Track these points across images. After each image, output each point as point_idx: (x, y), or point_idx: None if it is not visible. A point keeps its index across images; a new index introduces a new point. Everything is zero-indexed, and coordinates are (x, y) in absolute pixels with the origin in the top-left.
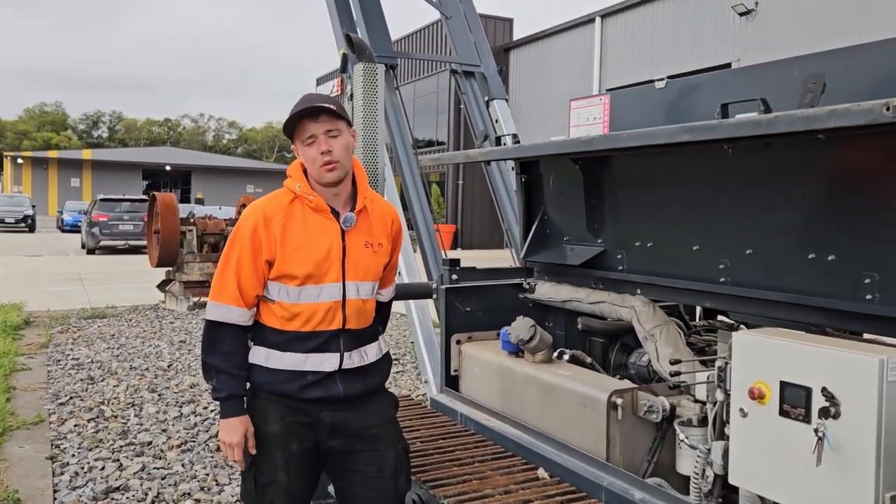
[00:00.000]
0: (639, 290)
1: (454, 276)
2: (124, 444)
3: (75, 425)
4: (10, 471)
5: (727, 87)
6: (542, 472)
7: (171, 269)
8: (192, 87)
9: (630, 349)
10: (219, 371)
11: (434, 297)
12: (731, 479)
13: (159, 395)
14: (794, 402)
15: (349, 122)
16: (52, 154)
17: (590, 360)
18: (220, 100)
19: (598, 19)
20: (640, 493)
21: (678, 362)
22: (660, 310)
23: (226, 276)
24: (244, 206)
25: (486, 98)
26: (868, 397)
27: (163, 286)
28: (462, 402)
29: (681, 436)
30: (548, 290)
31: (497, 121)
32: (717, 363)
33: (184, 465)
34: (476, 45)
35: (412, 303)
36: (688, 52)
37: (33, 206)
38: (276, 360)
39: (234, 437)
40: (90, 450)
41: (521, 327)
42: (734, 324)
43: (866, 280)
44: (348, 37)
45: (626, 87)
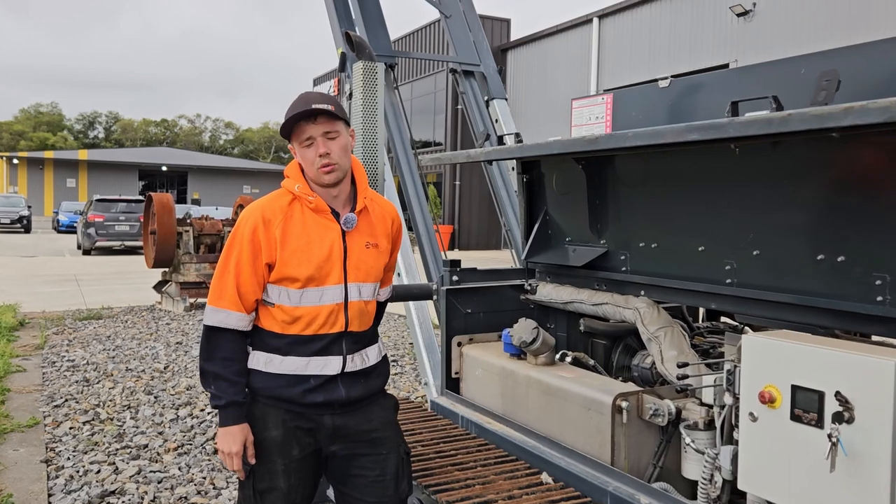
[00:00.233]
0: (642, 292)
1: (455, 278)
2: (120, 447)
3: (70, 428)
4: (5, 474)
5: (732, 86)
6: (545, 477)
7: (167, 269)
8: (188, 87)
9: (633, 351)
10: (217, 377)
11: (434, 298)
12: (740, 485)
13: (156, 398)
14: (806, 406)
15: (347, 122)
16: (48, 154)
17: (592, 362)
18: (216, 100)
19: (595, 20)
20: (646, 498)
21: (685, 365)
22: (664, 311)
23: (224, 280)
24: (241, 206)
25: (486, 97)
26: (883, 402)
27: (159, 287)
28: (463, 405)
29: (687, 440)
30: (549, 292)
31: (497, 120)
32: (726, 366)
33: (180, 469)
34: (476, 44)
35: (412, 304)
36: (686, 52)
37: (29, 207)
38: (276, 364)
39: (233, 446)
40: (85, 453)
41: (524, 329)
42: (737, 325)
43: (877, 282)
44: (348, 35)
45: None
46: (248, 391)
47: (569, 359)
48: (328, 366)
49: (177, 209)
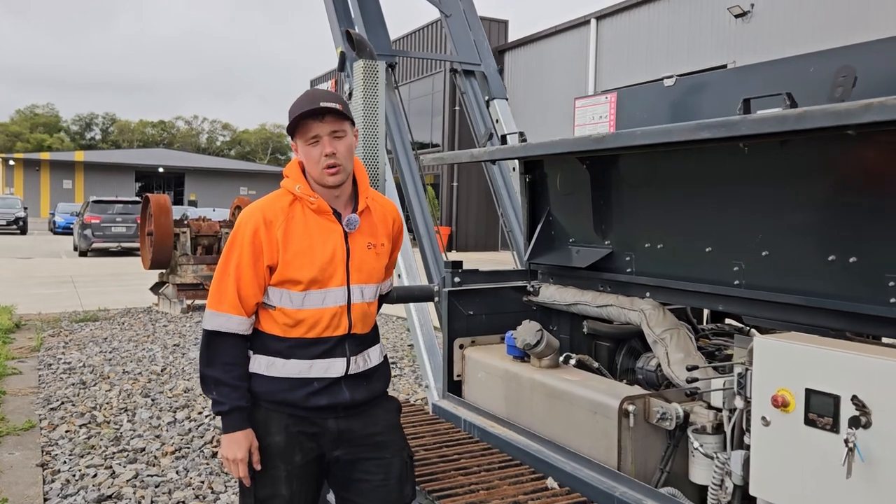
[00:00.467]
0: (648, 293)
1: (456, 279)
2: (117, 451)
3: (67, 431)
4: (0, 479)
5: (738, 85)
6: (551, 482)
7: (164, 271)
8: (186, 88)
9: (637, 353)
10: (219, 383)
11: (436, 300)
12: (752, 491)
13: (153, 400)
14: (821, 410)
15: (353, 122)
16: (44, 156)
17: (596, 364)
18: (214, 102)
19: (593, 21)
20: (654, 503)
21: (695, 368)
22: (670, 313)
23: (224, 283)
24: (239, 207)
25: (487, 97)
26: None
27: (156, 289)
28: (466, 408)
29: (695, 444)
30: (552, 293)
31: (497, 120)
32: (737, 369)
33: (178, 473)
34: (476, 43)
35: (412, 306)
36: (684, 53)
37: (25, 208)
38: (278, 368)
39: (238, 453)
40: (82, 456)
41: (528, 331)
42: (743, 327)
43: (890, 283)
44: (348, 33)
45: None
46: (249, 396)
47: (573, 361)
48: (332, 368)
49: (173, 210)
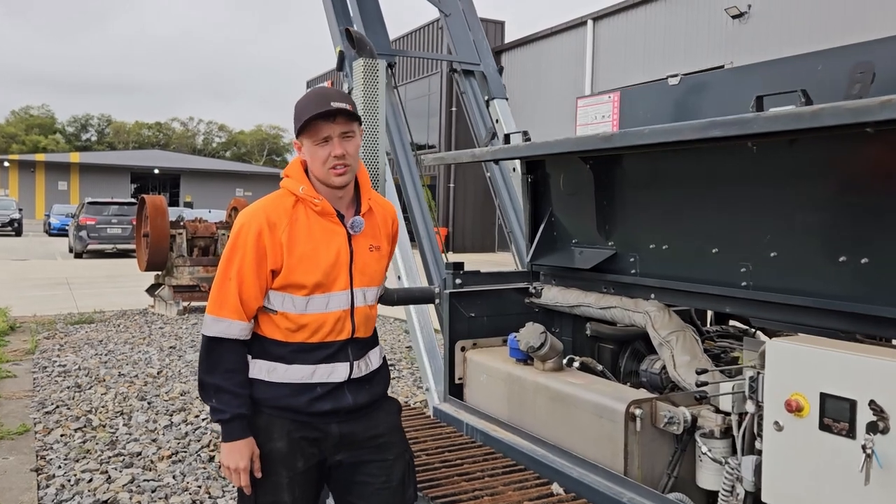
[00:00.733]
0: (653, 295)
1: (458, 281)
2: (113, 455)
3: (62, 435)
4: None
5: (743, 84)
6: (556, 488)
7: (160, 273)
8: (181, 90)
9: (641, 356)
10: (220, 390)
11: (437, 302)
12: (764, 497)
13: (149, 403)
14: (837, 415)
15: (360, 122)
16: (40, 157)
17: (600, 367)
18: (210, 103)
19: (589, 22)
20: None
21: (704, 371)
22: (675, 315)
23: (226, 288)
24: (235, 209)
25: (486, 97)
26: None
27: (152, 290)
28: (467, 412)
29: (703, 448)
30: (555, 295)
31: (497, 120)
32: (748, 373)
33: (175, 477)
34: (475, 43)
35: (412, 308)
36: (681, 54)
37: (20, 210)
38: (280, 373)
39: (241, 462)
40: (77, 461)
41: (531, 334)
42: (747, 329)
43: None
44: (348, 31)
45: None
46: (250, 402)
47: (576, 364)
48: (335, 373)
49: (169, 212)
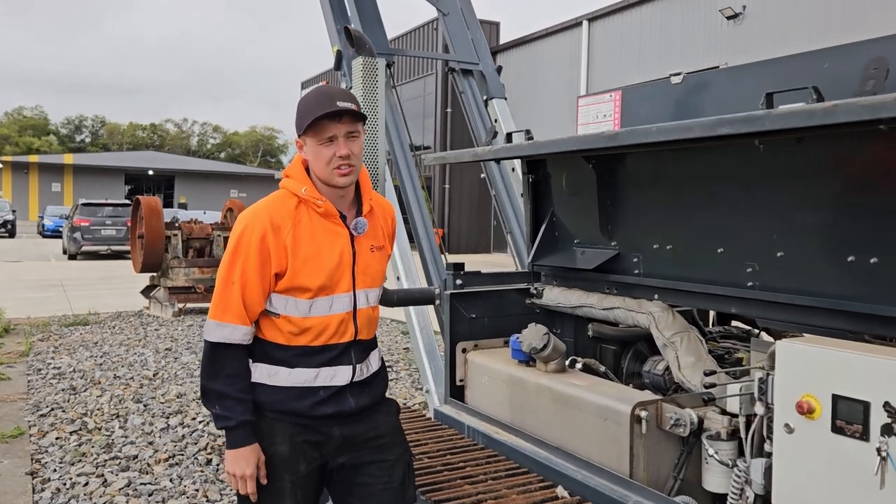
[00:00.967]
0: (656, 295)
1: (458, 282)
2: (109, 458)
3: (57, 438)
4: None
5: (746, 83)
6: (561, 491)
7: (155, 274)
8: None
9: (643, 357)
10: (223, 397)
11: (437, 303)
12: (775, 501)
13: (145, 406)
14: (850, 417)
15: (365, 122)
16: (33, 159)
17: (603, 368)
18: (204, 104)
19: (585, 23)
20: None
21: (713, 373)
22: (679, 316)
23: (229, 292)
24: (231, 210)
25: (485, 97)
26: None
27: (147, 292)
28: (469, 414)
29: (710, 451)
30: (556, 296)
31: (496, 120)
32: (757, 374)
33: (172, 481)
34: (474, 42)
35: (412, 309)
36: (676, 55)
37: (14, 211)
38: (283, 377)
39: (247, 469)
40: (73, 464)
41: (534, 335)
42: (751, 330)
43: None
44: (347, 30)
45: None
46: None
47: (579, 365)
48: (338, 376)
49: (164, 213)
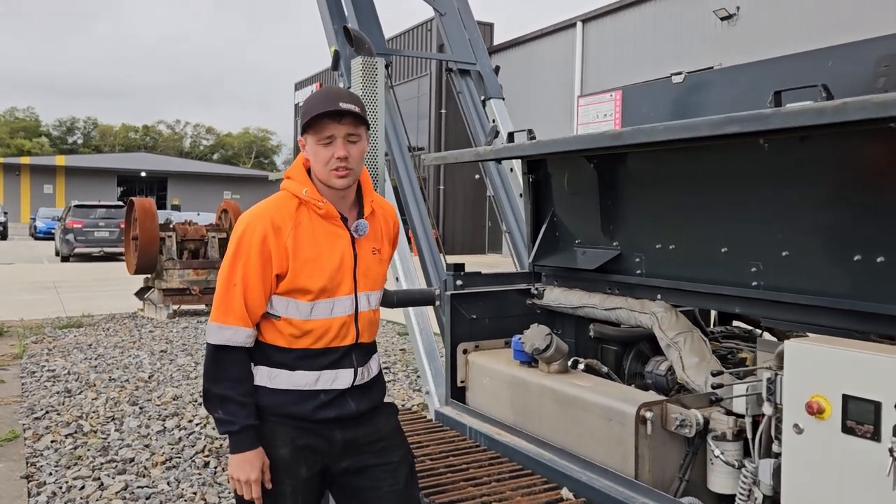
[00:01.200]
0: (659, 296)
1: (459, 283)
2: (105, 461)
3: (52, 441)
4: None
5: (747, 82)
6: (566, 492)
7: (149, 276)
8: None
9: (645, 357)
10: (227, 401)
11: (437, 304)
12: (784, 502)
13: (141, 408)
14: (861, 417)
15: (368, 126)
16: (25, 160)
17: (605, 369)
18: (196, 105)
19: (579, 24)
20: None
21: (720, 373)
22: (682, 316)
23: (231, 295)
24: (226, 211)
25: (483, 97)
26: None
27: (141, 294)
28: (470, 415)
29: (716, 451)
30: (558, 296)
31: (494, 120)
32: (765, 374)
33: (169, 484)
34: (471, 42)
35: (411, 310)
36: (670, 56)
37: (5, 213)
38: (283, 380)
39: (252, 473)
40: (68, 468)
41: (536, 335)
42: (752, 329)
43: None
44: (346, 29)
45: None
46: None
47: (581, 366)
48: (339, 380)
49: (158, 215)
